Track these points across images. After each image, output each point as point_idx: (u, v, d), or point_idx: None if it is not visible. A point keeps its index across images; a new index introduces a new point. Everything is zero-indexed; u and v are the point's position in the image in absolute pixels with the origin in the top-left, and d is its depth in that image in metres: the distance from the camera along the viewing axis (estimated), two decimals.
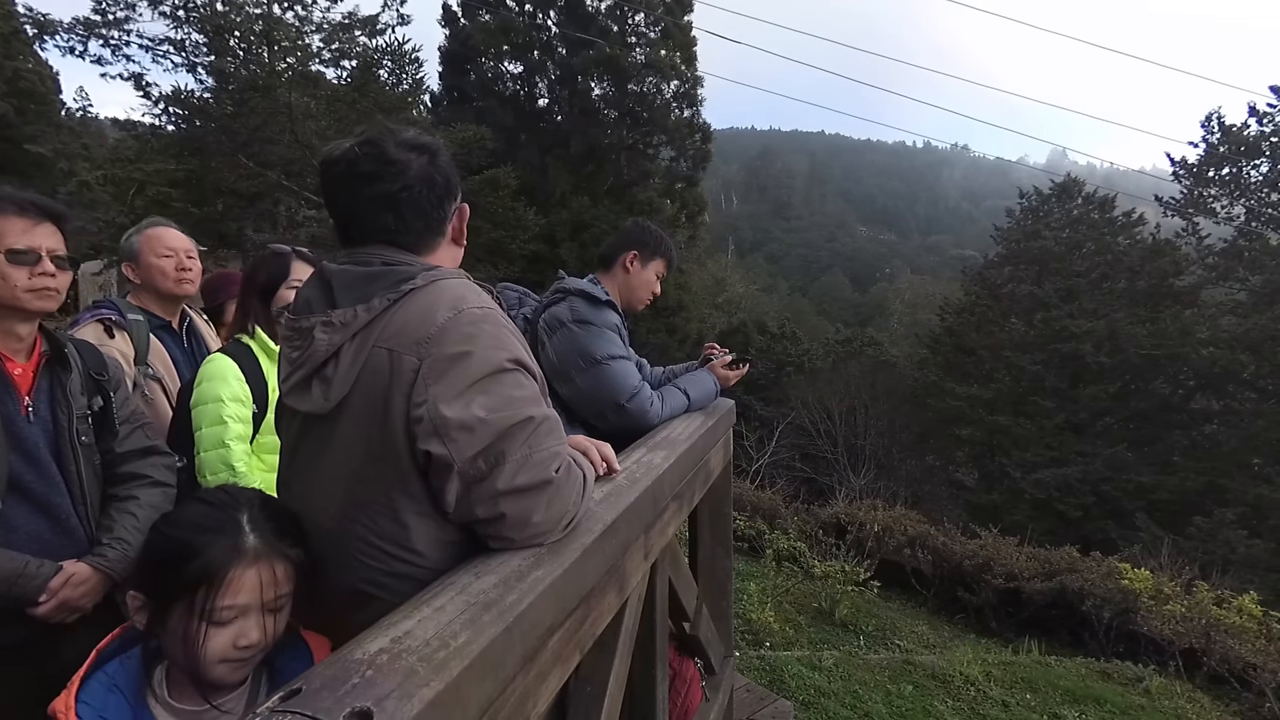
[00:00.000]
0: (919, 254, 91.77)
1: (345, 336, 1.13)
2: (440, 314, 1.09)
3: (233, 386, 2.00)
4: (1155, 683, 5.82)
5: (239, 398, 2.00)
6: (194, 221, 11.29)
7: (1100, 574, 7.69)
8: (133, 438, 1.75)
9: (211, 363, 2.05)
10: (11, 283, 1.49)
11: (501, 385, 1.08)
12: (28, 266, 1.51)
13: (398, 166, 1.17)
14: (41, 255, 1.53)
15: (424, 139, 1.23)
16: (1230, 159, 21.33)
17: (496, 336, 1.11)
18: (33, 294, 1.52)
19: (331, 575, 1.15)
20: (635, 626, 1.50)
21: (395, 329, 1.10)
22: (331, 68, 14.58)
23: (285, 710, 0.68)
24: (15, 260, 1.49)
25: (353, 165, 1.18)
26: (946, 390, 22.37)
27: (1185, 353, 19.46)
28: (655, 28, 19.83)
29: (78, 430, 1.60)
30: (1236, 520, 15.98)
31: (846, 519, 9.41)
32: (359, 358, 1.11)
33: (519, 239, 16.19)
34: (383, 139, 1.19)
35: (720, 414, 2.44)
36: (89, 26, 12.63)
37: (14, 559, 1.43)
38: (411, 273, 1.15)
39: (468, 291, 1.16)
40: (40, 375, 1.59)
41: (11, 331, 1.55)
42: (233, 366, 2.03)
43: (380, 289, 1.14)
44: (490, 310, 1.14)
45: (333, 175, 1.20)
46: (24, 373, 1.57)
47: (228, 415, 1.97)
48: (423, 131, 1.29)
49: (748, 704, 3.41)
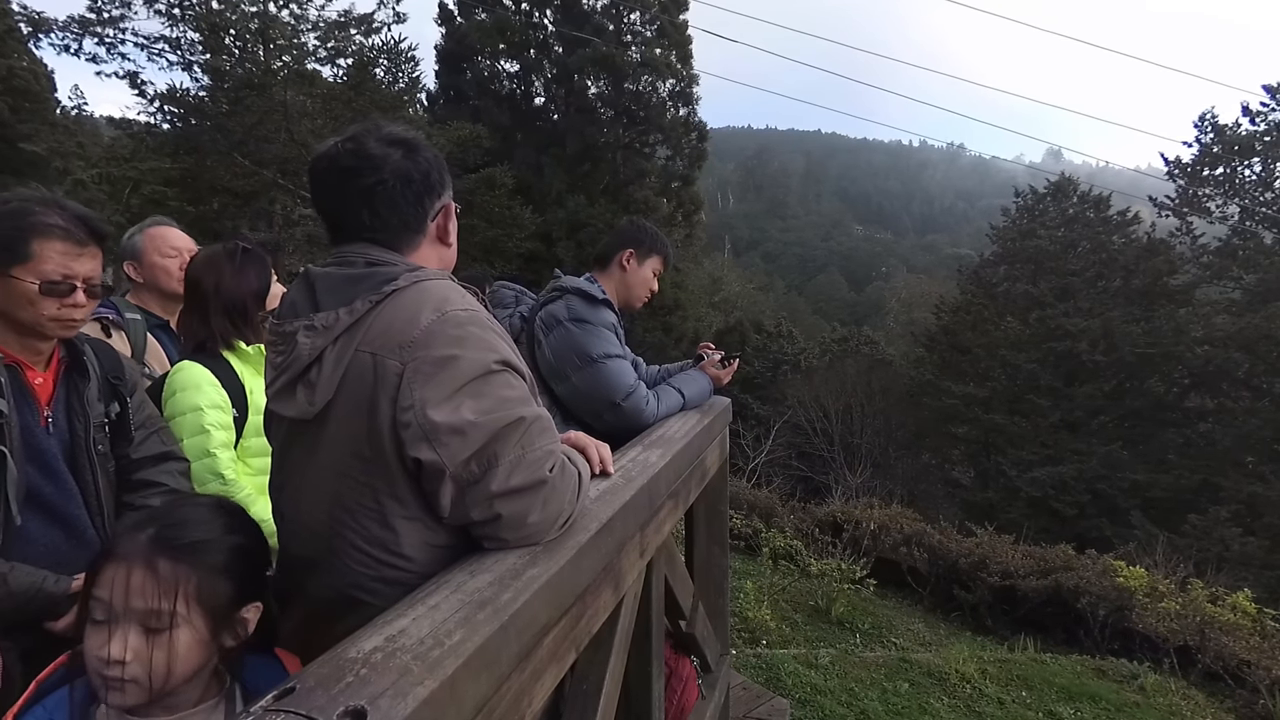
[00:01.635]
0: (915, 253, 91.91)
1: (328, 340, 1.11)
2: (424, 316, 1.08)
3: (209, 394, 1.91)
4: (1150, 680, 5.83)
5: (218, 404, 1.92)
6: (190, 220, 11.26)
7: (1095, 572, 7.71)
8: (148, 443, 1.71)
9: (181, 372, 1.94)
10: (39, 310, 1.45)
11: (490, 387, 1.07)
12: (58, 298, 1.47)
13: (374, 161, 1.16)
14: (76, 287, 1.49)
15: (405, 134, 1.21)
16: (1224, 158, 21.43)
17: (482, 338, 1.09)
18: (57, 323, 1.49)
19: (321, 580, 1.15)
20: (631, 625, 1.50)
21: (378, 332, 1.09)
22: (327, 66, 14.58)
23: (279, 709, 0.68)
24: (49, 291, 1.45)
25: (334, 161, 1.17)
26: (942, 389, 22.43)
27: (1180, 351, 19.53)
28: (651, 26, 19.82)
29: (94, 439, 1.58)
30: (1231, 518, 16.05)
31: (843, 517, 9.42)
32: (342, 362, 1.10)
33: (515, 237, 16.19)
34: (365, 135, 1.18)
35: (716, 412, 2.44)
36: (84, 25, 12.60)
37: (32, 574, 1.40)
38: (394, 273, 1.14)
39: (451, 293, 1.14)
40: (59, 385, 1.57)
41: (30, 346, 1.52)
42: (205, 373, 1.93)
43: (363, 291, 1.12)
44: (475, 312, 1.13)
45: (316, 173, 1.20)
46: (44, 382, 1.54)
47: (209, 423, 1.89)
48: (410, 127, 1.28)
49: (744, 702, 3.42)
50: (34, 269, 1.43)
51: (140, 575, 0.99)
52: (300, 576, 1.20)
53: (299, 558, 1.21)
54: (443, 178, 1.26)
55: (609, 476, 1.47)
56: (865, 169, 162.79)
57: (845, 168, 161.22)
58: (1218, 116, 21.50)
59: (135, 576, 0.99)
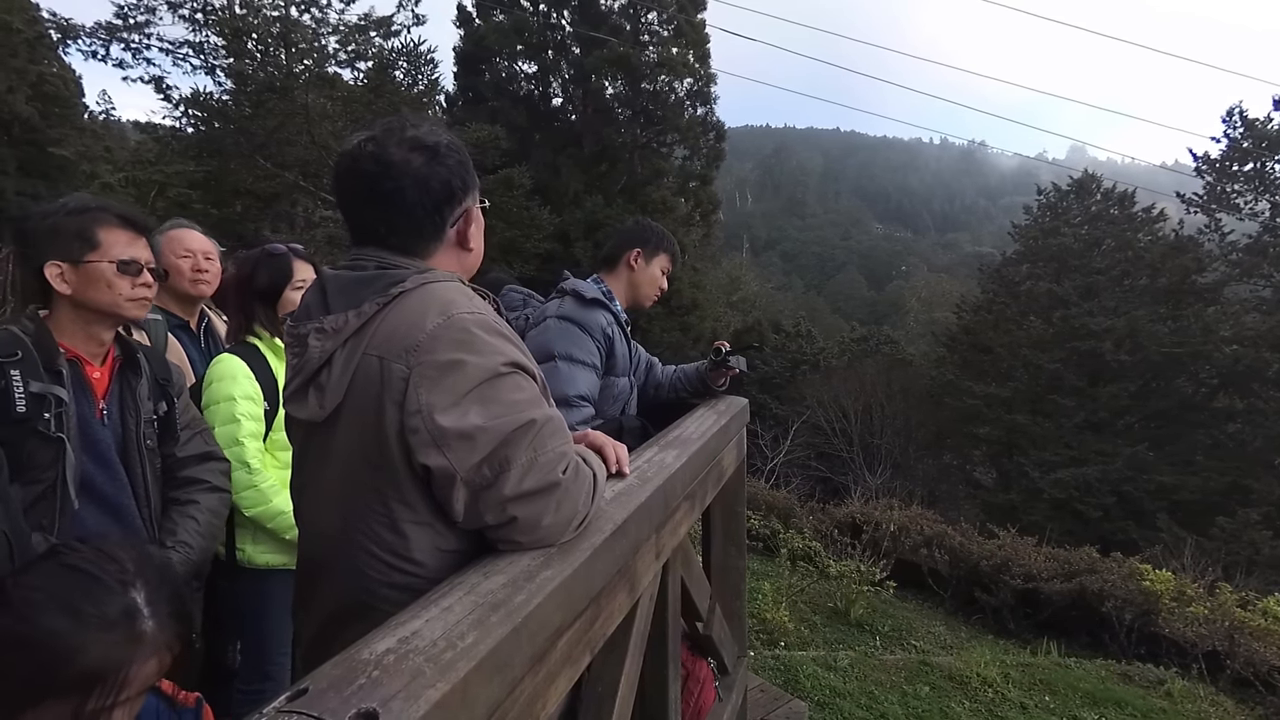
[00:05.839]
0: (935, 252, 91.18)
1: (337, 343, 1.11)
2: (429, 320, 1.07)
3: (243, 385, 2.02)
4: (1177, 685, 5.72)
5: (250, 395, 2.02)
6: (213, 223, 11.40)
7: (1121, 575, 7.58)
8: (193, 443, 1.82)
9: (220, 363, 2.07)
10: (117, 291, 1.58)
11: (499, 390, 1.06)
12: (131, 277, 1.60)
13: (394, 169, 1.13)
14: (144, 267, 1.63)
15: (430, 138, 1.18)
16: (1254, 154, 20.97)
17: (489, 341, 1.08)
18: (133, 303, 1.62)
19: (334, 585, 1.15)
20: (647, 627, 1.49)
21: (385, 335, 1.08)
22: (347, 69, 14.69)
23: (291, 710, 0.67)
24: (124, 270, 1.59)
25: (355, 163, 1.15)
26: (963, 389, 22.18)
27: (1208, 351, 19.17)
28: (668, 26, 19.76)
29: (144, 434, 1.67)
30: (1261, 521, 15.70)
31: (862, 518, 9.35)
32: (350, 365, 1.10)
33: (533, 238, 16.24)
34: (388, 136, 1.15)
35: (733, 413, 2.42)
36: (111, 31, 12.81)
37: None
38: (402, 275, 1.13)
39: (458, 295, 1.13)
40: (114, 380, 1.66)
41: (95, 336, 1.62)
42: (241, 365, 2.04)
43: (371, 293, 1.12)
44: (482, 314, 1.11)
45: (339, 173, 1.19)
46: (101, 376, 1.64)
47: (240, 413, 1.99)
48: (438, 127, 1.24)
49: (762, 704, 3.39)
50: (105, 254, 1.57)
51: (170, 655, 0.98)
52: (316, 581, 1.20)
53: (314, 562, 1.22)
54: (465, 183, 1.22)
55: (625, 477, 1.46)
56: (884, 167, 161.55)
57: (864, 166, 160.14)
58: (1247, 111, 21.07)
59: (167, 657, 0.97)
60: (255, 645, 2.09)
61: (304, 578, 1.26)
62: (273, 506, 2.00)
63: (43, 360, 1.49)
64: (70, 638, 0.85)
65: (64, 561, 0.94)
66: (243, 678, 2.09)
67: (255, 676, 2.08)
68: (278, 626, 2.06)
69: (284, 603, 1.53)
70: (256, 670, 2.09)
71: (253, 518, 2.01)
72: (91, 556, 0.94)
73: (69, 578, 0.91)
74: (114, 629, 0.88)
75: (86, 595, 0.89)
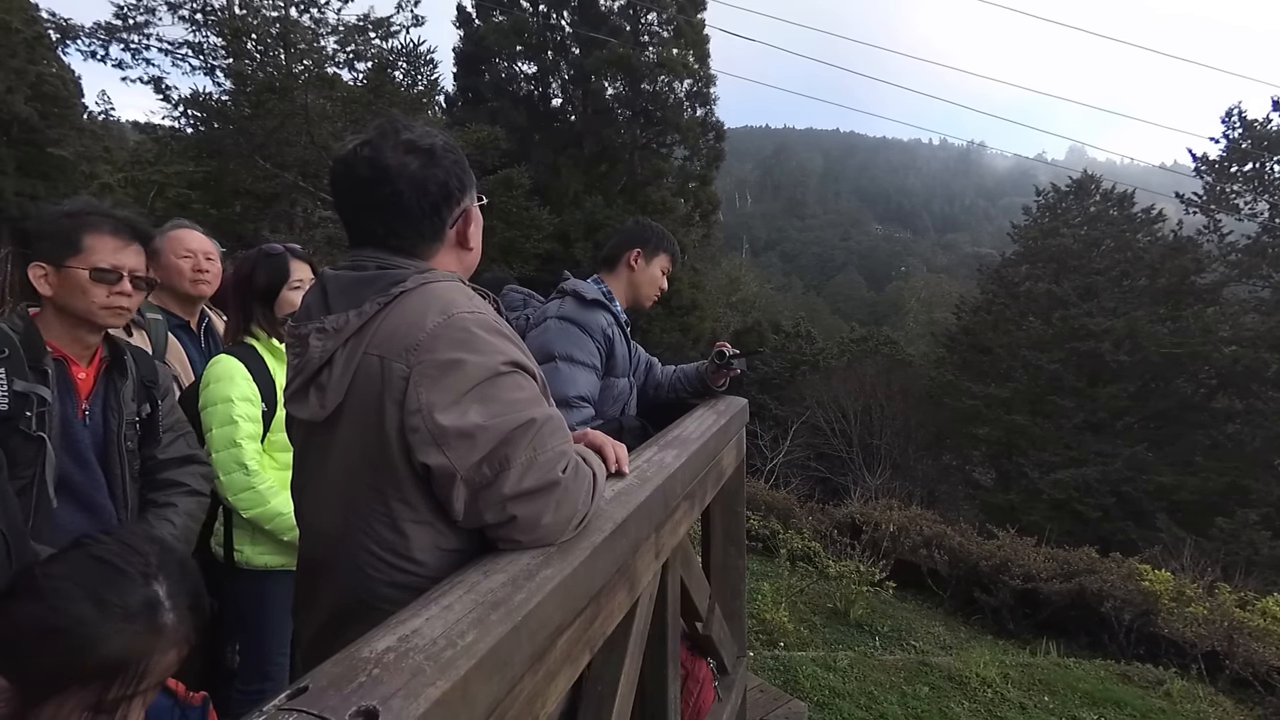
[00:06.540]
0: (935, 252, 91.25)
1: (338, 342, 1.12)
2: (430, 319, 1.07)
3: (241, 386, 2.02)
4: (1176, 686, 5.72)
5: (248, 397, 2.02)
6: (212, 223, 11.39)
7: (1120, 575, 7.59)
8: (174, 446, 1.82)
9: (217, 364, 2.06)
10: (90, 298, 1.58)
11: (499, 389, 1.06)
12: (108, 285, 1.60)
13: (389, 173, 1.13)
14: (123, 276, 1.62)
15: (425, 140, 1.18)
16: (1253, 154, 20.98)
17: (490, 340, 1.08)
18: (107, 311, 1.61)
19: (335, 585, 1.15)
20: (646, 626, 1.49)
21: (385, 335, 1.09)
22: (347, 69, 14.65)
23: (291, 708, 0.68)
24: (98, 279, 1.59)
25: (350, 169, 1.16)
26: (963, 389, 22.19)
27: (1207, 351, 19.17)
28: (668, 26, 19.77)
29: (125, 435, 1.68)
30: (1260, 521, 15.71)
31: (861, 519, 9.35)
32: (351, 364, 1.10)
33: (533, 239, 16.24)
34: (383, 140, 1.15)
35: (733, 413, 2.42)
36: (110, 31, 12.79)
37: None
38: (403, 275, 1.14)
39: (458, 295, 1.14)
40: (99, 380, 1.67)
41: (79, 339, 1.63)
42: (239, 366, 2.04)
43: (372, 293, 1.12)
44: (482, 314, 1.12)
45: (335, 177, 1.20)
46: (86, 377, 1.65)
47: (238, 415, 1.99)
48: (432, 129, 1.24)
49: (761, 704, 3.39)
50: (85, 260, 1.57)
51: (186, 647, 1.00)
52: (316, 581, 1.20)
53: (315, 561, 1.22)
54: (463, 183, 1.23)
55: (624, 477, 1.46)
56: (884, 167, 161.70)
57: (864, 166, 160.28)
58: (1246, 111, 21.08)
59: (184, 650, 0.99)
60: (254, 646, 2.10)
61: (304, 577, 1.26)
62: (271, 508, 1.99)
63: (29, 359, 1.51)
64: (96, 627, 0.87)
65: (91, 553, 0.96)
66: (242, 678, 2.10)
67: (254, 677, 2.08)
68: (277, 627, 2.06)
69: (283, 603, 1.52)
70: (256, 671, 2.09)
71: (251, 519, 2.01)
72: (117, 549, 0.96)
73: (96, 568, 0.93)
74: (136, 620, 0.90)
75: (112, 586, 0.91)
